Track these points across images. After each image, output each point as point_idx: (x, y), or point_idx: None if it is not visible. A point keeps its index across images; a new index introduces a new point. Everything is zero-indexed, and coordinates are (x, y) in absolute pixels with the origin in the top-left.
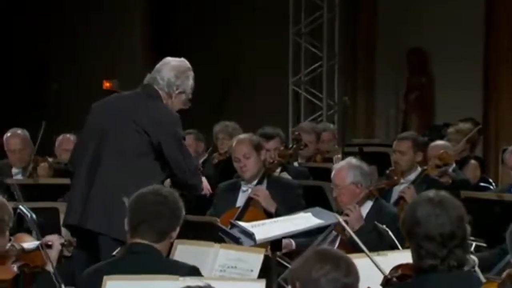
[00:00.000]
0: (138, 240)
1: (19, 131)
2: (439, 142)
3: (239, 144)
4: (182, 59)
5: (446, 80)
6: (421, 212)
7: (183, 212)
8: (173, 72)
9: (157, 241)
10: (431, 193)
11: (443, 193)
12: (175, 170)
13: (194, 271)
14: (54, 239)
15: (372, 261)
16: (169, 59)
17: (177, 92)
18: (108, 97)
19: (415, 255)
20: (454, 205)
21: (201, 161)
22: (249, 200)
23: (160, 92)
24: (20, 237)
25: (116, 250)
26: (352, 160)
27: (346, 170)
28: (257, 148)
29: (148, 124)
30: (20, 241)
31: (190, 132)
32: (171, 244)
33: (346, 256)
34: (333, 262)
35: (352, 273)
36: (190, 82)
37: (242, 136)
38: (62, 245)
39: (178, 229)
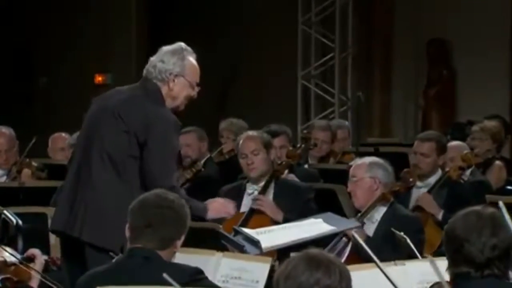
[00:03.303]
0: (140, 246)
1: (4, 129)
2: (456, 143)
3: (247, 140)
4: (178, 43)
5: (469, 73)
6: (466, 222)
7: (189, 220)
8: (164, 57)
9: (161, 248)
10: (482, 207)
11: (492, 209)
12: (145, 181)
13: (198, 273)
14: (36, 254)
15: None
16: (162, 47)
17: (172, 77)
18: (108, 92)
19: (450, 262)
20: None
21: (203, 160)
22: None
23: (157, 82)
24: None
25: (116, 257)
26: (376, 158)
27: (367, 164)
28: (267, 145)
29: (137, 126)
30: (1, 253)
31: (192, 130)
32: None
33: (337, 260)
34: (324, 268)
35: (344, 278)
36: (188, 63)
37: (251, 132)
38: (46, 262)
39: (183, 239)
